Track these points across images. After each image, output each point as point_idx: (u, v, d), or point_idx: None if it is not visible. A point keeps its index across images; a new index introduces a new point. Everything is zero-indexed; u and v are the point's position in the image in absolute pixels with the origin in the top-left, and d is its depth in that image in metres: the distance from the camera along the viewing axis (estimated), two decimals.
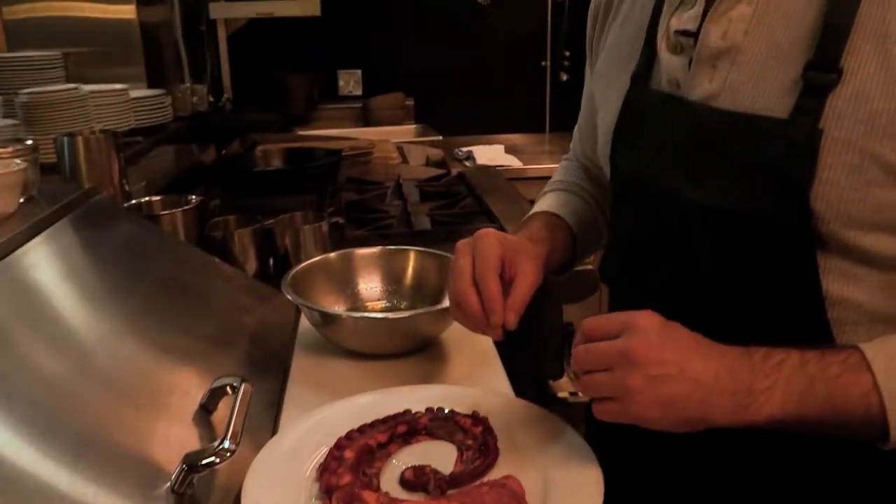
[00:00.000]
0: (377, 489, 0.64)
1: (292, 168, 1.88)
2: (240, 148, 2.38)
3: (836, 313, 0.64)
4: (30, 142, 1.01)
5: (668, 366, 0.59)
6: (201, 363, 0.87)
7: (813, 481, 0.69)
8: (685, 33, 0.69)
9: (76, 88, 1.72)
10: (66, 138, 1.24)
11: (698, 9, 0.69)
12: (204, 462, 0.62)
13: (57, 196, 1.00)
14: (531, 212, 0.95)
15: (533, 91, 3.51)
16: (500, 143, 3.19)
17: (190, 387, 0.80)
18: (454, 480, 0.66)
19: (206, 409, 0.76)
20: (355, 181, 2.03)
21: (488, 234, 0.76)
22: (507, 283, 0.74)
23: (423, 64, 3.41)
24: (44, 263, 0.84)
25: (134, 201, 1.24)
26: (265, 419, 0.83)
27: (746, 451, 0.69)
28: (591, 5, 0.88)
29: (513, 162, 2.84)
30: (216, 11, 3.04)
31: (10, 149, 0.99)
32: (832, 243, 0.63)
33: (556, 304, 1.17)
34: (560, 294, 1.07)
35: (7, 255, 0.79)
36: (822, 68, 0.60)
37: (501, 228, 1.52)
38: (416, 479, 0.66)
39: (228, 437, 0.64)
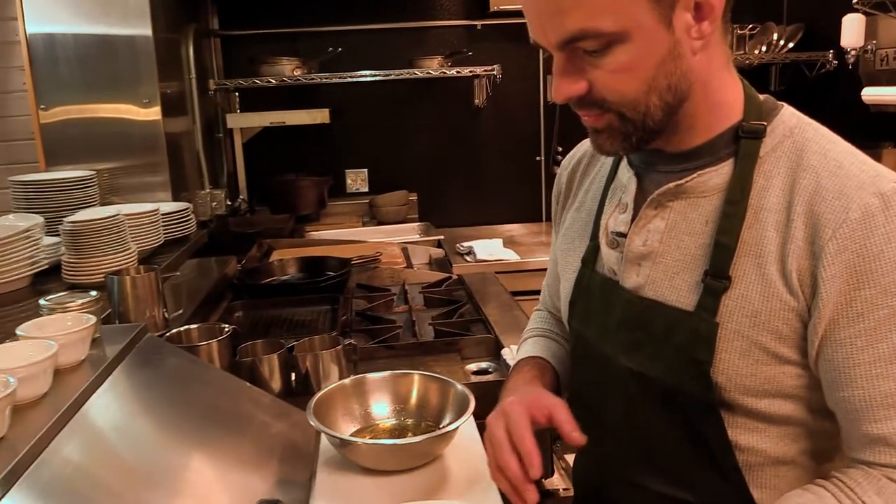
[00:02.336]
0: None
1: (308, 281, 2.07)
2: (256, 254, 2.58)
3: (745, 458, 0.82)
4: (94, 293, 1.20)
5: None
6: (242, 482, 1.04)
7: None
8: (619, 234, 0.89)
9: (116, 216, 1.93)
10: (115, 278, 1.44)
11: (628, 215, 0.88)
12: None
13: (115, 339, 1.18)
14: (518, 357, 1.13)
15: (528, 184, 3.74)
16: (498, 235, 3.40)
17: None
18: None
19: None
20: (364, 287, 2.22)
21: (514, 404, 0.89)
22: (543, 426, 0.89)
23: (424, 161, 3.65)
24: (115, 404, 1.02)
25: (174, 330, 1.42)
26: None
27: None
28: (555, 188, 1.08)
29: (511, 256, 3.03)
30: (233, 121, 3.31)
31: (78, 302, 1.18)
32: (735, 406, 0.80)
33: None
34: None
35: (88, 398, 0.98)
36: (716, 276, 0.79)
37: (497, 338, 1.70)
38: None
39: None
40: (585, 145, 1.05)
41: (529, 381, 1.03)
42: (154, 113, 2.51)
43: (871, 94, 2.76)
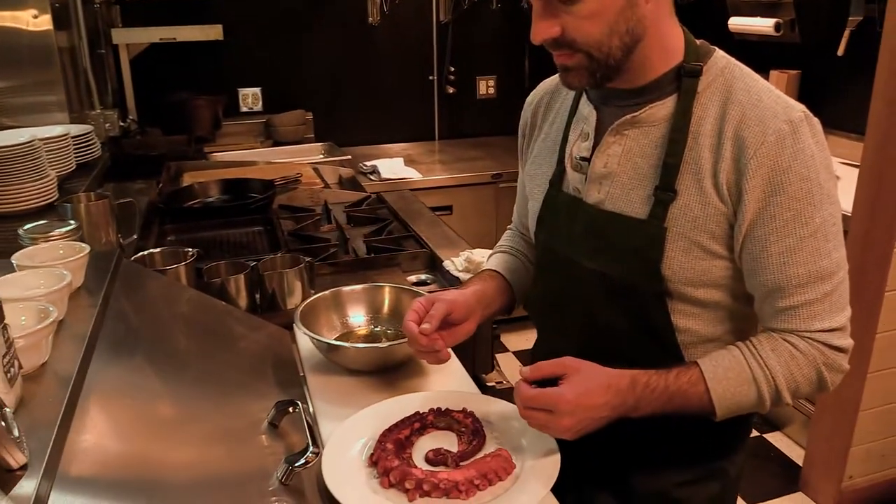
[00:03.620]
0: (415, 467, 0.97)
1: (238, 203, 2.11)
2: (167, 178, 2.56)
3: (682, 338, 1.04)
4: (73, 223, 1.23)
5: (582, 414, 0.94)
6: (245, 388, 1.15)
7: (675, 438, 1.08)
8: (583, 159, 1.06)
9: (32, 141, 1.87)
10: (68, 206, 1.45)
11: (590, 143, 1.06)
12: (301, 462, 0.92)
13: (97, 265, 1.23)
14: (484, 267, 1.30)
15: (422, 103, 3.85)
16: (397, 153, 3.52)
17: (250, 408, 1.09)
18: (462, 456, 0.99)
19: (273, 425, 1.05)
20: (287, 208, 2.29)
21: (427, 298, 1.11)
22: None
23: (319, 80, 3.65)
24: (123, 327, 1.09)
25: (140, 255, 1.46)
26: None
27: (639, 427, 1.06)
28: (520, 122, 1.22)
29: (413, 174, 3.17)
30: (119, 37, 3.15)
31: (56, 232, 1.21)
32: (676, 295, 1.01)
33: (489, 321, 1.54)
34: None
35: (101, 323, 1.04)
36: (664, 189, 0.98)
37: (432, 252, 1.86)
38: (436, 458, 0.99)
39: (311, 445, 0.94)
40: (546, 85, 1.20)
41: (469, 285, 1.21)
42: (45, 23, 2.36)
43: (735, 23, 3.07)
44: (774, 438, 2.81)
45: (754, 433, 2.83)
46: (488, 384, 1.74)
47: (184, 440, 0.95)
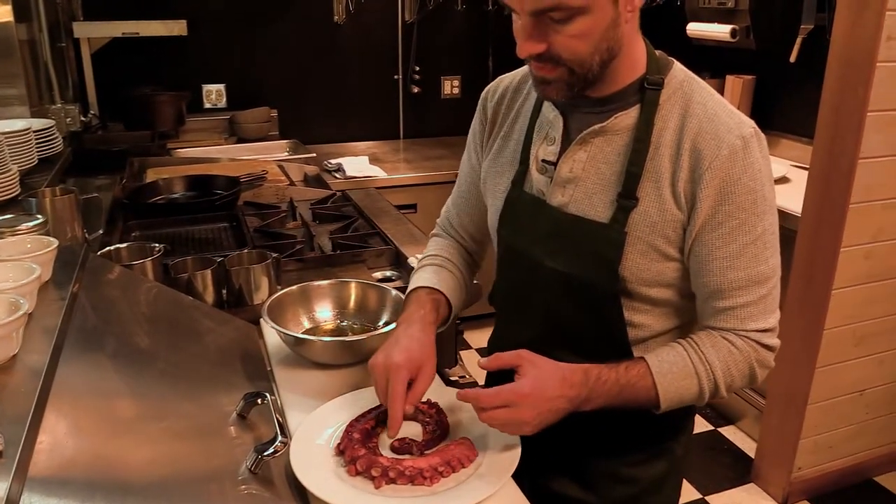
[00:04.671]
0: (381, 455, 1.00)
1: (204, 199, 2.12)
2: (130, 173, 2.54)
3: (635, 332, 1.09)
4: (40, 217, 1.23)
5: (541, 406, 0.98)
6: (213, 381, 1.17)
7: (628, 423, 1.13)
8: (548, 162, 1.10)
9: None
10: (34, 200, 1.45)
11: (556, 147, 1.10)
12: (270, 451, 0.94)
13: (68, 259, 1.24)
14: (414, 284, 1.26)
15: (387, 102, 3.87)
16: (361, 151, 3.53)
17: (219, 401, 1.11)
18: (426, 445, 1.03)
19: (241, 416, 1.07)
20: (252, 205, 2.29)
21: (400, 368, 1.04)
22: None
23: (284, 77, 3.65)
24: (91, 321, 1.10)
25: (106, 249, 1.47)
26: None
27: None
28: (478, 115, 1.25)
29: (378, 173, 3.20)
30: (81, 30, 3.11)
31: (23, 226, 1.22)
32: (632, 293, 1.07)
33: (453, 319, 1.58)
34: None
35: (70, 317, 1.06)
36: (627, 196, 1.03)
37: (397, 249, 1.89)
38: (401, 446, 1.03)
39: (280, 434, 0.97)
40: (507, 80, 1.23)
41: (425, 324, 1.16)
42: (5, 14, 2.33)
43: (693, 28, 3.15)
44: (728, 432, 2.90)
45: (709, 427, 2.92)
46: (451, 378, 1.78)
47: (154, 432, 0.97)
